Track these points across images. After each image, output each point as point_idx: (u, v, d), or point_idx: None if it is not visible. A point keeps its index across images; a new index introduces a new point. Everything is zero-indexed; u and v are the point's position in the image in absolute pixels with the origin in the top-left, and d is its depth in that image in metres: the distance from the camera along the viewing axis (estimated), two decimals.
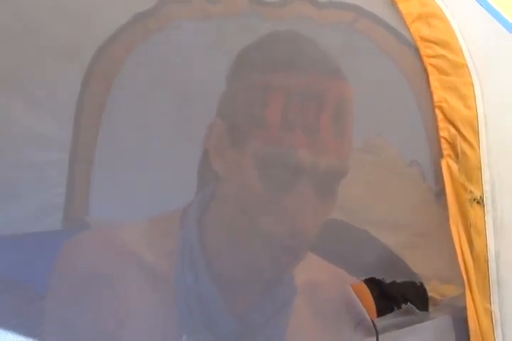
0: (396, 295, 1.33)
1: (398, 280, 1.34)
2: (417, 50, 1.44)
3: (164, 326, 1.20)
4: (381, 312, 1.30)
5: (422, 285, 1.42)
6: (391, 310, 1.29)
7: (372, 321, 1.23)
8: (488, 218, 1.34)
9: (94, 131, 1.81)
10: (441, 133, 1.37)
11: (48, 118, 1.77)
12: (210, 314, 1.20)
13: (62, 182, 1.83)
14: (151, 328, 1.20)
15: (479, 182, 1.35)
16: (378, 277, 1.31)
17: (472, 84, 1.39)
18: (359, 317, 1.25)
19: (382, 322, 1.25)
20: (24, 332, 1.08)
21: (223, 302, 1.20)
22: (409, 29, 1.42)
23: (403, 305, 1.29)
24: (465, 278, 1.32)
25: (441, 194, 1.39)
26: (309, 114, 1.14)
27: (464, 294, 1.31)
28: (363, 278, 1.28)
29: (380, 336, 1.22)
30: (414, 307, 1.30)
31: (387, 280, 1.32)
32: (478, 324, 1.30)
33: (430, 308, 1.38)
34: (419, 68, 1.44)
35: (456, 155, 1.36)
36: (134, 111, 1.69)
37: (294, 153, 1.14)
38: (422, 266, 1.43)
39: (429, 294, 1.44)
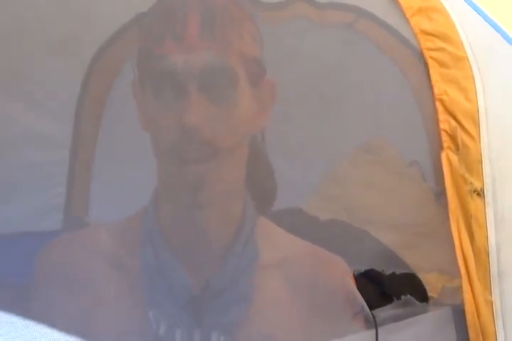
0: (396, 290, 1.32)
1: (397, 273, 1.33)
2: (416, 50, 1.44)
3: (135, 308, 1.23)
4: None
5: (421, 284, 1.42)
6: (390, 302, 1.28)
7: (372, 313, 1.23)
8: (489, 210, 1.34)
9: (94, 130, 1.81)
10: (442, 126, 1.37)
11: (47, 118, 1.78)
12: (171, 285, 1.22)
13: (62, 182, 1.83)
14: (122, 313, 1.23)
15: (480, 174, 1.35)
16: (378, 269, 1.30)
17: (473, 77, 1.39)
18: (357, 309, 1.25)
19: (381, 314, 1.25)
20: None
21: (182, 269, 1.22)
22: (409, 23, 1.43)
23: (402, 297, 1.28)
24: (464, 270, 1.31)
25: (441, 194, 1.39)
26: (176, 24, 1.20)
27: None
28: (363, 270, 1.27)
29: (379, 328, 1.22)
30: (414, 299, 1.29)
31: (387, 272, 1.32)
32: (478, 315, 1.30)
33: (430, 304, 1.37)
34: (419, 68, 1.44)
35: (457, 147, 1.35)
36: (134, 111, 1.69)
37: (168, 61, 1.19)
38: (422, 266, 1.43)
39: (429, 294, 1.43)
